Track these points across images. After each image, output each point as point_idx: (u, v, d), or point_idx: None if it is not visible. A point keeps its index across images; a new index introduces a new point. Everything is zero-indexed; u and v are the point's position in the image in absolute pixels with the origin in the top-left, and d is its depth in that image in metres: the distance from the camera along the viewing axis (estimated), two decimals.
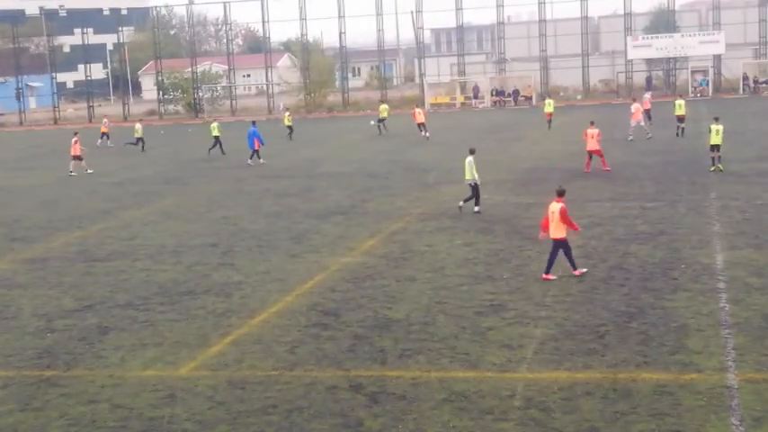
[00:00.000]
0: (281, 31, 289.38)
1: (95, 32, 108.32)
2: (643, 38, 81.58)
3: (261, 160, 44.53)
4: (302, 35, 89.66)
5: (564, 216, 19.22)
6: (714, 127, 34.01)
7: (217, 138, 49.46)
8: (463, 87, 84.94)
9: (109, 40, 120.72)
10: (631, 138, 44.99)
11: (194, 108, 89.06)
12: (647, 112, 51.22)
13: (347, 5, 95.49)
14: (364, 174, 38.79)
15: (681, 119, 46.83)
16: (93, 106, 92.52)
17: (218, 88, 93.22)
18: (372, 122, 61.96)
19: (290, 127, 57.69)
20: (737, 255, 20.61)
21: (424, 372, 14.18)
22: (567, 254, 19.50)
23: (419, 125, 54.06)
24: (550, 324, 16.27)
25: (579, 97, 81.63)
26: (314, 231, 26.37)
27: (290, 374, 14.41)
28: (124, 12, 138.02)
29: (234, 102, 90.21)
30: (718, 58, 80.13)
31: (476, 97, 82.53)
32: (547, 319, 16.61)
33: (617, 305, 17.19)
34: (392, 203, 30.52)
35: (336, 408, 12.95)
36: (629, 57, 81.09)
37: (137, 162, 49.15)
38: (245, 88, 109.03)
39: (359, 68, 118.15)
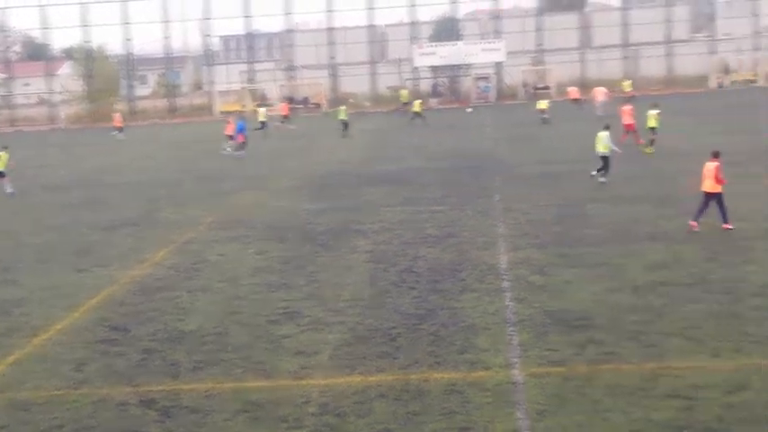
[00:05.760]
0: (63, 38, 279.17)
1: None
2: (428, 46, 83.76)
3: (235, 152, 46.43)
4: (85, 42, 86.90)
5: (717, 171, 22.40)
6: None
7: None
8: (253, 95, 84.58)
9: None
10: (600, 114, 52.62)
11: None
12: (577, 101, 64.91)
13: (133, 12, 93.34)
14: (155, 183, 37.96)
15: (543, 111, 55.88)
16: None
17: None
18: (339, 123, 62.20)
19: (344, 121, 55.77)
20: (520, 255, 21.39)
21: (218, 383, 13.98)
22: (721, 207, 22.44)
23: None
24: (344, 329, 16.39)
25: (368, 104, 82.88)
26: (102, 244, 25.57)
27: (78, 393, 13.87)
28: None
29: (12, 111, 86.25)
30: (499, 65, 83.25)
31: (264, 105, 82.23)
32: (340, 324, 16.72)
33: (408, 308, 17.52)
34: (184, 213, 30.00)
35: (127, 425, 12.56)
36: (416, 64, 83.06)
37: None
38: (25, 97, 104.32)
39: (146, 76, 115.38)
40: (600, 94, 58.46)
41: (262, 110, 61.78)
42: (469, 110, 71.56)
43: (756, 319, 15.50)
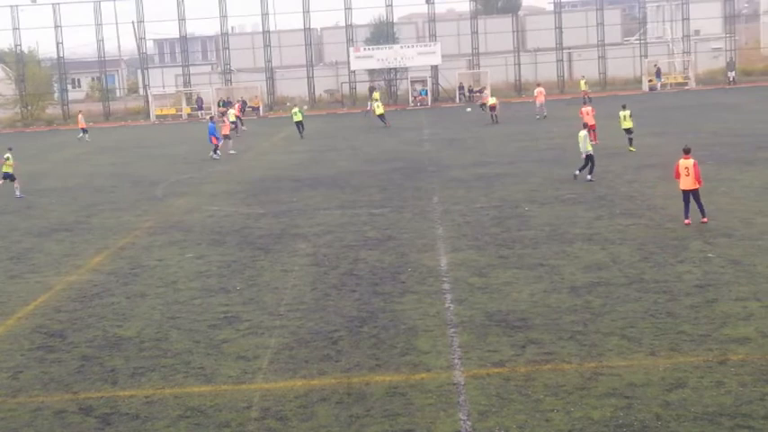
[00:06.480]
0: None
1: None
2: (364, 49, 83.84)
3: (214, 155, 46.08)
4: (16, 45, 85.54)
5: (696, 169, 22.98)
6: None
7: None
8: (189, 98, 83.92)
9: None
10: (539, 116, 57.85)
11: None
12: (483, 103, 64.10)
13: (64, 15, 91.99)
14: (89, 188, 37.47)
15: (492, 107, 57.47)
16: None
17: None
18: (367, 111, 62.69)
19: (300, 123, 55.73)
20: (460, 256, 21.53)
21: (158, 389, 13.84)
22: (699, 203, 23.24)
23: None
24: (285, 333, 16.34)
25: (306, 107, 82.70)
26: (36, 250, 25.16)
27: (14, 401, 13.64)
28: None
29: None
30: (435, 68, 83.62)
31: (200, 109, 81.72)
32: (281, 328, 16.67)
33: (349, 311, 17.52)
34: (119, 218, 29.66)
35: None
36: (353, 67, 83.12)
37: None
38: None
39: (79, 80, 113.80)
40: (540, 95, 59.04)
41: (231, 111, 63.39)
42: (468, 110, 71.45)
43: (691, 318, 15.77)
